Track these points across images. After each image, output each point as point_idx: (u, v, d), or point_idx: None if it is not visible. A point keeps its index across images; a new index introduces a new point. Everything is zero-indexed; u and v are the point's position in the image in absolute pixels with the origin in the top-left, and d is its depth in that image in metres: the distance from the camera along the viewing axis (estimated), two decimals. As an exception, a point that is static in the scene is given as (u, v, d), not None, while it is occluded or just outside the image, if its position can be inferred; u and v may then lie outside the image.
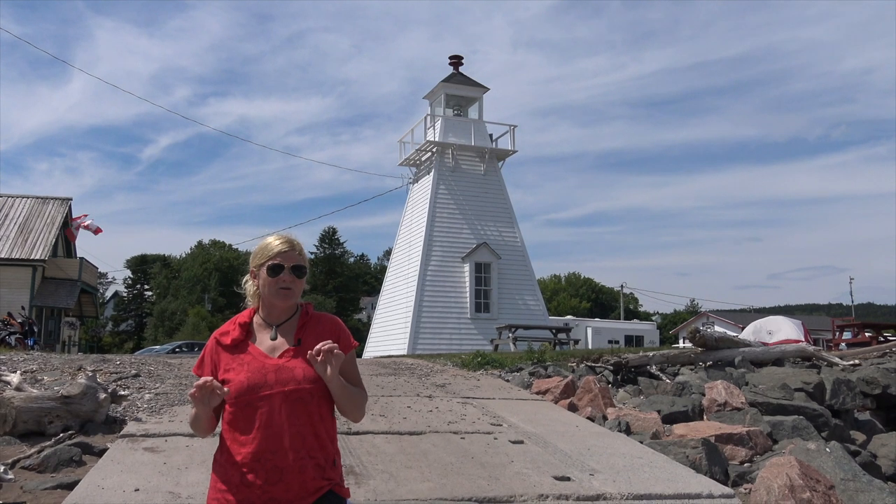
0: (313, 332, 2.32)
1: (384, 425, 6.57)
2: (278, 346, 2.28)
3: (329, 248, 76.52)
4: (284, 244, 2.32)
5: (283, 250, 2.31)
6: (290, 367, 2.22)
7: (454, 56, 26.42)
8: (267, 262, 2.30)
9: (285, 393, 2.18)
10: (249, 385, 2.18)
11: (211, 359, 2.30)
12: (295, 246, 2.34)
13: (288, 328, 2.33)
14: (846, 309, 70.68)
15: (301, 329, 2.32)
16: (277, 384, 2.19)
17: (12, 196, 32.96)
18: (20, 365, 8.82)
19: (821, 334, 33.15)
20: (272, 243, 2.33)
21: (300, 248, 2.36)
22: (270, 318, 2.33)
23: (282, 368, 2.22)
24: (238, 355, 2.26)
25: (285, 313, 2.34)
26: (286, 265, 2.30)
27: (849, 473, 5.57)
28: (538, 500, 4.75)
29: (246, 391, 2.18)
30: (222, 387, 2.16)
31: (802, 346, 13.12)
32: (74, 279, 31.87)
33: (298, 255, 2.34)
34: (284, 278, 2.29)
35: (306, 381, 2.21)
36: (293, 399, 2.19)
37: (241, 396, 2.18)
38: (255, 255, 2.36)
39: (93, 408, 6.19)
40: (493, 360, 11.94)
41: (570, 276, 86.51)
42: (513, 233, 24.84)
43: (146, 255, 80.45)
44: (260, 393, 2.17)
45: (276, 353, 2.26)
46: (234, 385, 2.19)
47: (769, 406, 8.02)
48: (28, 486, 4.76)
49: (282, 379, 2.20)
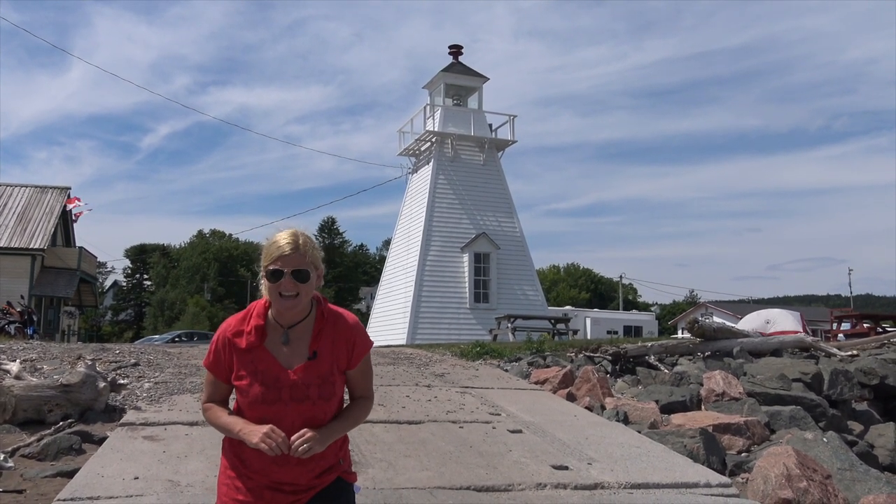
0: (329, 339, 2.23)
1: (383, 414, 6.59)
2: (292, 357, 2.19)
3: (328, 238, 76.56)
4: (287, 245, 2.14)
5: (285, 253, 2.14)
6: (305, 383, 2.16)
7: (454, 45, 26.32)
8: (268, 266, 2.16)
9: (299, 410, 2.16)
10: (265, 398, 2.15)
11: (224, 357, 2.22)
12: (299, 247, 2.15)
13: (302, 331, 2.22)
14: (845, 300, 70.75)
15: (316, 339, 2.22)
16: (292, 401, 2.15)
17: (11, 185, 32.90)
18: (20, 354, 8.83)
19: (819, 325, 33.19)
20: (275, 243, 2.17)
21: (305, 248, 2.17)
22: (282, 320, 2.21)
23: (296, 386, 2.16)
24: (252, 362, 2.18)
25: (298, 315, 2.22)
26: (286, 270, 2.14)
27: (846, 463, 5.59)
28: (536, 489, 4.77)
29: (261, 402, 2.16)
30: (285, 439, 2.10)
31: (800, 336, 13.15)
32: (73, 268, 31.88)
33: (302, 255, 2.15)
34: (285, 284, 2.14)
35: (321, 398, 2.18)
36: (305, 411, 2.17)
37: (254, 403, 2.17)
38: (262, 255, 2.20)
39: (92, 396, 6.20)
40: (492, 350, 11.96)
41: (570, 267, 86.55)
42: (512, 223, 24.83)
43: (145, 244, 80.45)
44: (273, 406, 2.16)
45: (291, 364, 2.18)
46: (250, 393, 2.17)
47: (767, 396, 8.04)
48: (28, 473, 4.77)
49: (297, 396, 2.16)
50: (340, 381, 2.26)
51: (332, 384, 2.21)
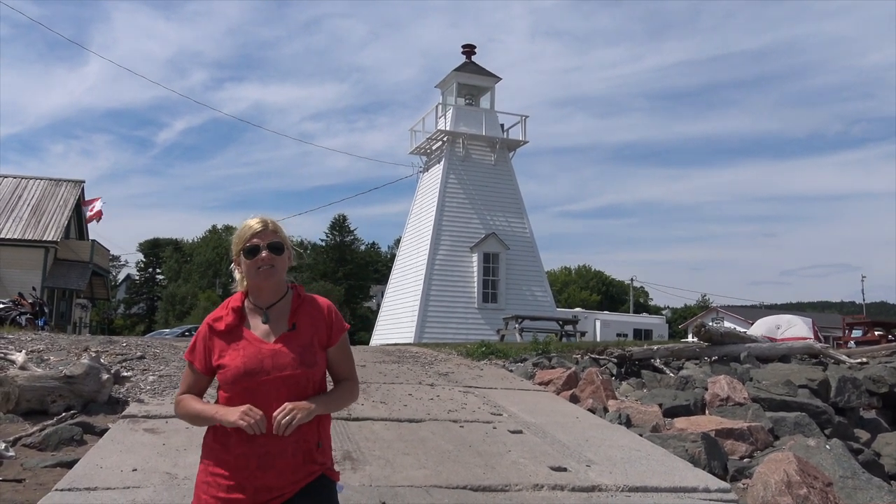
0: (307, 314, 2.32)
1: (384, 412, 6.59)
2: (272, 331, 2.27)
3: (339, 236, 76.63)
4: (259, 224, 2.30)
5: (257, 230, 2.29)
6: (285, 352, 2.22)
7: (467, 45, 26.30)
8: (245, 245, 2.29)
9: (282, 378, 2.19)
10: (246, 370, 2.18)
11: (204, 345, 2.29)
12: (269, 224, 2.32)
13: (280, 311, 2.31)
14: (859, 307, 70.15)
15: (294, 313, 2.31)
16: (274, 369, 2.19)
17: (26, 177, 33.19)
18: (27, 345, 8.91)
19: (832, 332, 32.97)
20: (247, 226, 2.31)
21: (275, 226, 2.33)
22: (260, 301, 2.31)
23: (278, 353, 2.21)
24: (232, 341, 2.25)
25: (274, 295, 2.32)
26: (262, 243, 2.28)
27: (848, 471, 5.54)
28: (533, 490, 4.76)
29: (242, 376, 2.18)
30: (262, 416, 2.13)
31: (810, 342, 13.05)
32: (86, 261, 32.14)
33: (273, 232, 2.31)
34: (262, 257, 2.27)
35: (302, 365, 2.22)
36: (290, 384, 2.20)
37: (237, 382, 2.19)
38: (234, 243, 2.34)
39: (95, 388, 6.24)
40: (498, 351, 11.95)
41: (581, 269, 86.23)
42: (522, 224, 24.78)
43: (159, 238, 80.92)
44: (257, 378, 2.18)
45: (271, 337, 2.25)
46: (230, 370, 2.20)
47: (772, 402, 7.99)
48: (28, 463, 4.81)
49: (278, 364, 2.20)
50: (321, 355, 2.31)
51: (312, 353, 2.27)
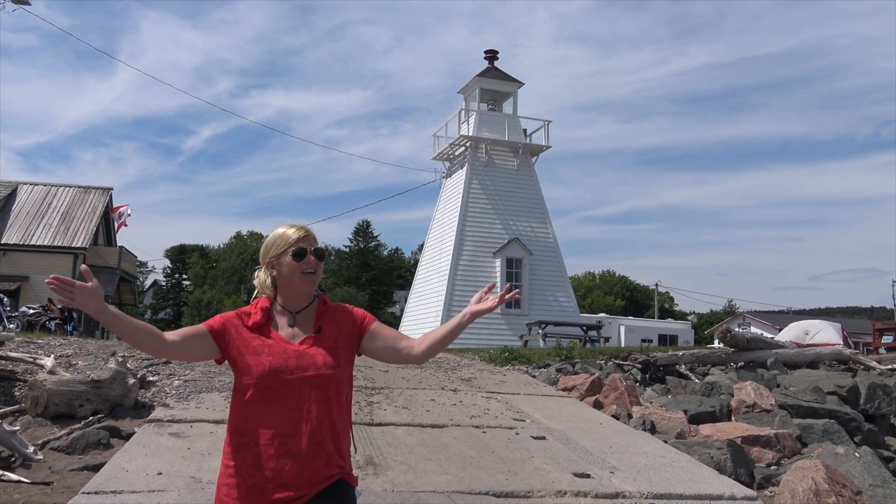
0: (332, 319, 2.37)
1: (407, 417, 6.60)
2: (298, 334, 2.32)
3: (363, 242, 76.90)
4: (302, 230, 2.38)
5: (303, 235, 2.37)
6: (311, 353, 2.26)
7: (490, 50, 26.35)
8: (290, 249, 2.35)
9: (305, 378, 2.22)
10: (272, 368, 2.21)
11: (228, 328, 2.31)
12: (310, 232, 2.40)
13: (306, 316, 2.36)
14: (889, 312, 68.82)
15: (320, 318, 2.36)
16: (298, 370, 2.22)
17: (56, 185, 33.78)
18: (56, 350, 9.05)
19: (862, 338, 32.37)
20: (289, 232, 2.37)
21: (316, 235, 2.43)
22: (290, 305, 2.36)
23: (303, 354, 2.25)
24: (259, 338, 2.29)
25: (304, 300, 2.37)
26: (309, 248, 2.36)
27: (878, 479, 5.43)
28: (556, 497, 4.73)
29: (268, 374, 2.21)
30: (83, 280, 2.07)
31: (838, 348, 12.84)
32: (114, 267, 32.56)
33: (316, 240, 2.41)
34: (310, 261, 2.34)
35: (326, 367, 2.25)
36: (313, 384, 2.22)
37: (262, 379, 2.21)
38: (272, 246, 2.37)
39: (122, 392, 6.32)
40: (521, 356, 11.91)
41: (605, 274, 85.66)
42: (545, 229, 24.70)
43: (185, 245, 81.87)
44: (281, 377, 2.21)
45: (297, 339, 2.30)
46: (256, 368, 2.22)
47: (800, 409, 7.86)
48: (56, 466, 4.88)
49: (303, 365, 2.23)
50: (346, 358, 2.34)
51: (337, 355, 2.30)
